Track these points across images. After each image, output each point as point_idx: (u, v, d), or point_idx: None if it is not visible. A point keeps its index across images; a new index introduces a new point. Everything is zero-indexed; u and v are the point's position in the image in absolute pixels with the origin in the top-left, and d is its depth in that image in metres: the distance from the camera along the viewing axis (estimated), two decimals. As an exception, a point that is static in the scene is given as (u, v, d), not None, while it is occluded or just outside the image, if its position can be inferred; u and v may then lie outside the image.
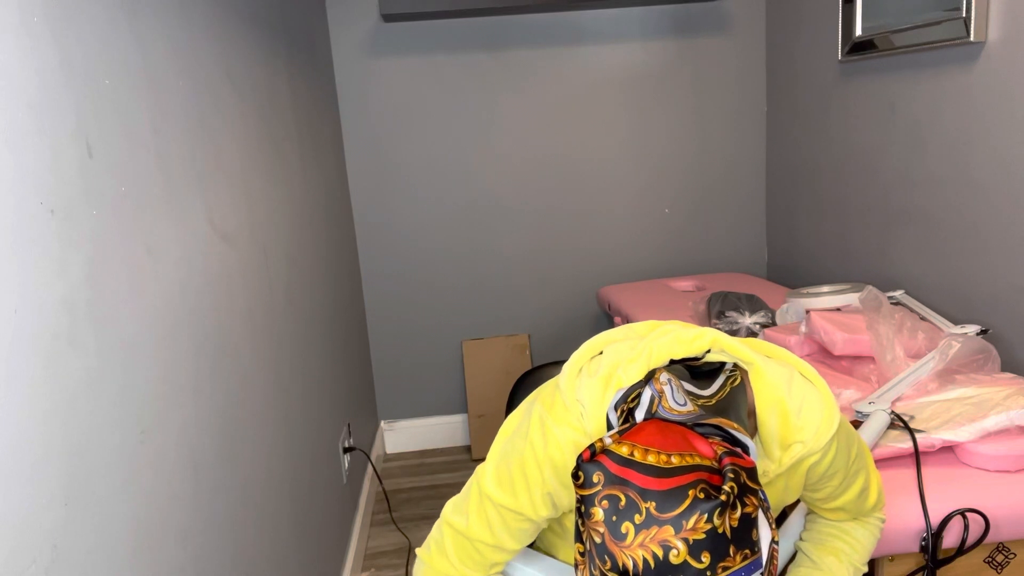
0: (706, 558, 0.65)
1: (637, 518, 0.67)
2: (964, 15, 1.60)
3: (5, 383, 0.64)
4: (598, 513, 0.68)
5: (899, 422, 1.28)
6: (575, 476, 0.71)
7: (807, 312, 1.68)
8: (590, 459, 0.71)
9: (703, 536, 0.65)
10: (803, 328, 1.67)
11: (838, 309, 1.81)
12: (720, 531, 0.65)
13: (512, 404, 1.49)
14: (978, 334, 1.58)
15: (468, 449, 2.89)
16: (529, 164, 2.71)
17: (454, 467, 2.76)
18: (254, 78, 1.53)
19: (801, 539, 1.05)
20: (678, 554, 0.65)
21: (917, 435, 1.23)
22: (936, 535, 1.12)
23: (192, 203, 1.11)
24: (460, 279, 2.78)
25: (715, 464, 0.69)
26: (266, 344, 1.44)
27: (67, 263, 0.75)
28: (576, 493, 0.71)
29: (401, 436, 2.90)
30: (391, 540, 2.32)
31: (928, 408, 1.33)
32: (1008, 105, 1.56)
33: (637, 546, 0.66)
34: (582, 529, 0.70)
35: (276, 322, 1.52)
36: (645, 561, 0.65)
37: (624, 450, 0.71)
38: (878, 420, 1.27)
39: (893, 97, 1.94)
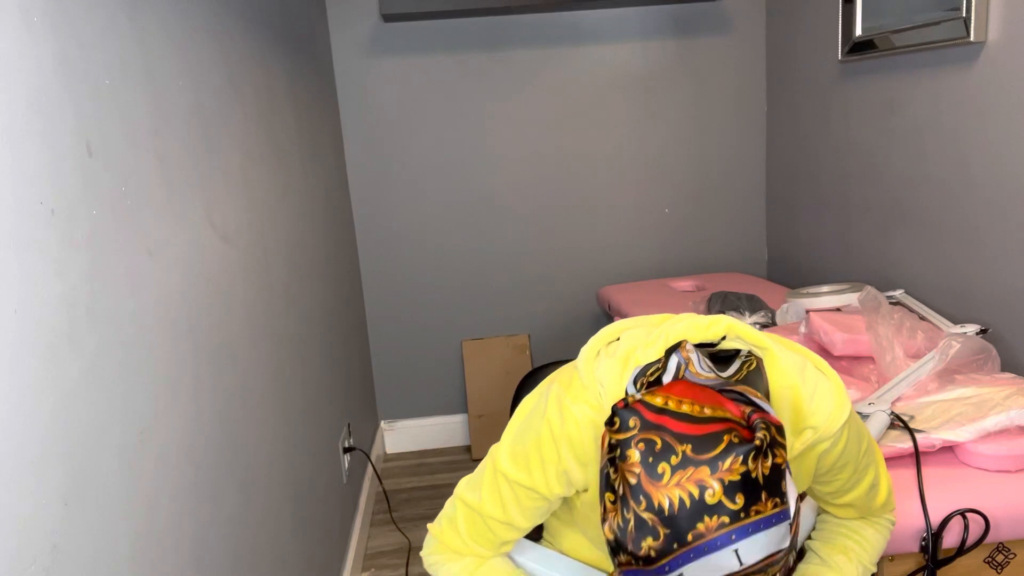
0: (740, 500, 0.66)
1: (673, 459, 0.68)
2: (964, 15, 1.60)
3: (5, 383, 0.64)
4: (634, 455, 0.69)
5: (899, 422, 1.28)
6: (610, 422, 0.73)
7: (807, 312, 1.68)
8: (625, 407, 0.73)
9: (738, 478, 0.66)
10: (803, 328, 1.67)
11: (838, 309, 1.81)
12: (753, 476, 0.67)
13: (516, 404, 1.49)
14: (978, 334, 1.58)
15: (468, 449, 2.89)
16: (529, 164, 2.71)
17: (454, 467, 2.76)
18: (254, 78, 1.53)
19: (810, 538, 1.05)
20: (713, 494, 0.66)
21: (917, 435, 1.23)
22: (936, 535, 1.12)
23: (192, 203, 1.11)
24: (460, 279, 2.78)
25: (744, 422, 0.70)
26: (266, 344, 1.44)
27: (67, 263, 0.75)
28: (611, 438, 0.72)
29: (401, 436, 2.90)
30: (391, 540, 2.32)
31: (928, 408, 1.33)
32: (1008, 105, 1.56)
33: (674, 485, 0.67)
34: (613, 476, 0.71)
35: (276, 322, 1.52)
36: (681, 500, 0.66)
37: (659, 400, 0.72)
38: (878, 420, 1.27)
39: (893, 97, 1.94)
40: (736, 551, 0.66)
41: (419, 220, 2.72)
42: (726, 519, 0.66)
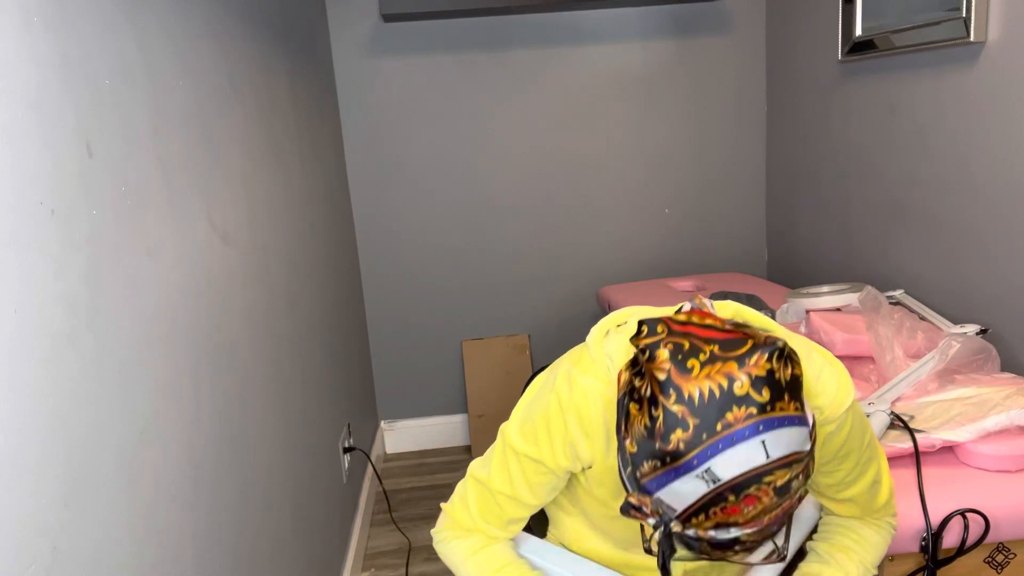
0: (766, 393, 0.69)
1: (702, 356, 0.71)
2: (964, 15, 1.60)
3: (5, 383, 0.64)
4: (663, 353, 0.73)
5: (899, 422, 1.28)
6: (638, 332, 0.76)
7: (807, 312, 1.68)
8: (650, 320, 0.77)
9: (764, 373, 0.69)
10: (803, 328, 1.67)
11: (838, 309, 1.82)
12: (777, 376, 0.70)
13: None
14: (978, 334, 1.58)
15: (468, 449, 2.89)
16: (529, 164, 2.71)
17: (454, 467, 2.76)
18: (254, 78, 1.53)
19: (811, 539, 1.05)
20: (742, 386, 0.69)
21: (917, 435, 1.23)
22: (936, 535, 1.12)
23: (192, 203, 1.11)
24: (460, 279, 2.78)
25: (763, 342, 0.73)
26: (266, 344, 1.44)
27: (67, 263, 0.75)
28: (638, 345, 0.75)
29: (401, 436, 2.90)
30: (391, 540, 2.32)
31: (928, 408, 1.33)
32: (1008, 105, 1.56)
33: (703, 378, 0.70)
34: (639, 384, 0.73)
35: (276, 322, 1.52)
36: (711, 390, 0.69)
37: (683, 317, 0.77)
38: (878, 420, 1.27)
39: (893, 97, 1.94)
40: (763, 442, 0.68)
41: (419, 220, 2.72)
42: (753, 410, 0.68)
